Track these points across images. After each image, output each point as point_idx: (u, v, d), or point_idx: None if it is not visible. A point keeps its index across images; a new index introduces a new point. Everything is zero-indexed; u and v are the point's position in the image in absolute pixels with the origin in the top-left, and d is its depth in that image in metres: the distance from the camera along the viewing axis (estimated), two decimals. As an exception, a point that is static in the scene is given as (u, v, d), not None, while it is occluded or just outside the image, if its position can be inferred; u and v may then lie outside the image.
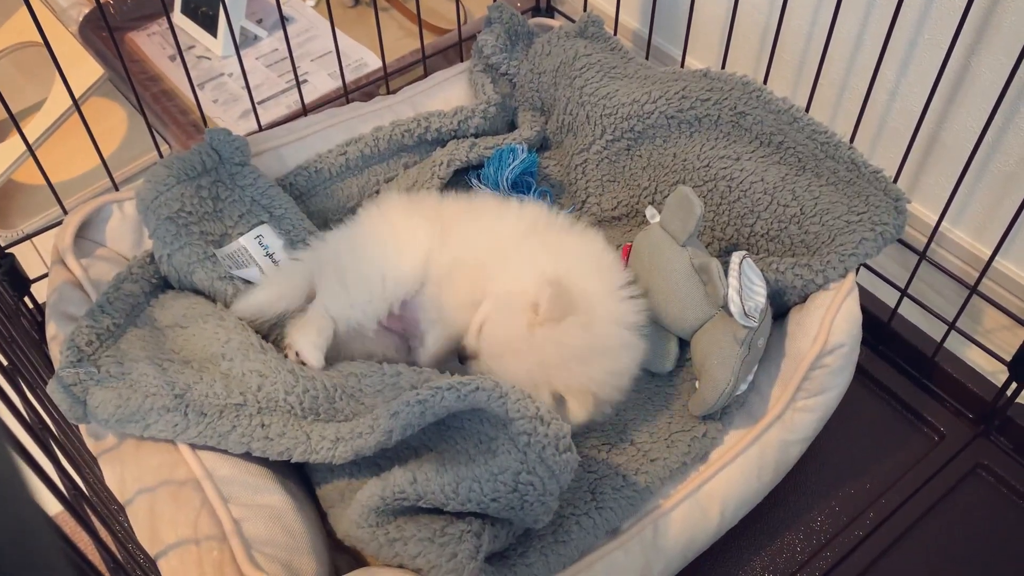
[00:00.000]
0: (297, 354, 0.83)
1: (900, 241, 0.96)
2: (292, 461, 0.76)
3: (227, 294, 0.88)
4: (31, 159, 0.97)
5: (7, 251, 0.99)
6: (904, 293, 1.02)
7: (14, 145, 1.35)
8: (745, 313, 0.82)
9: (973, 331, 1.07)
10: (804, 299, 0.91)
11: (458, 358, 0.86)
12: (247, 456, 0.77)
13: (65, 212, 0.97)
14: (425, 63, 1.25)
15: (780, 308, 0.93)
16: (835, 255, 0.88)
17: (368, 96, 1.19)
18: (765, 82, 1.04)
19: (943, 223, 0.98)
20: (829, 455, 0.96)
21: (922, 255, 1.00)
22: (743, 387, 0.86)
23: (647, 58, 1.21)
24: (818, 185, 0.93)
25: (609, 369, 0.83)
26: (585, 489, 0.81)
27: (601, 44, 1.13)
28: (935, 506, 0.93)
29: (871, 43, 1.15)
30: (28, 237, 1.08)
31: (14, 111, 0.92)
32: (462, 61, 1.23)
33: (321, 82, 1.42)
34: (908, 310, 1.03)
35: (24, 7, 0.89)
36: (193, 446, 0.77)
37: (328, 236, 0.94)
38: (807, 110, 1.00)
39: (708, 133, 1.00)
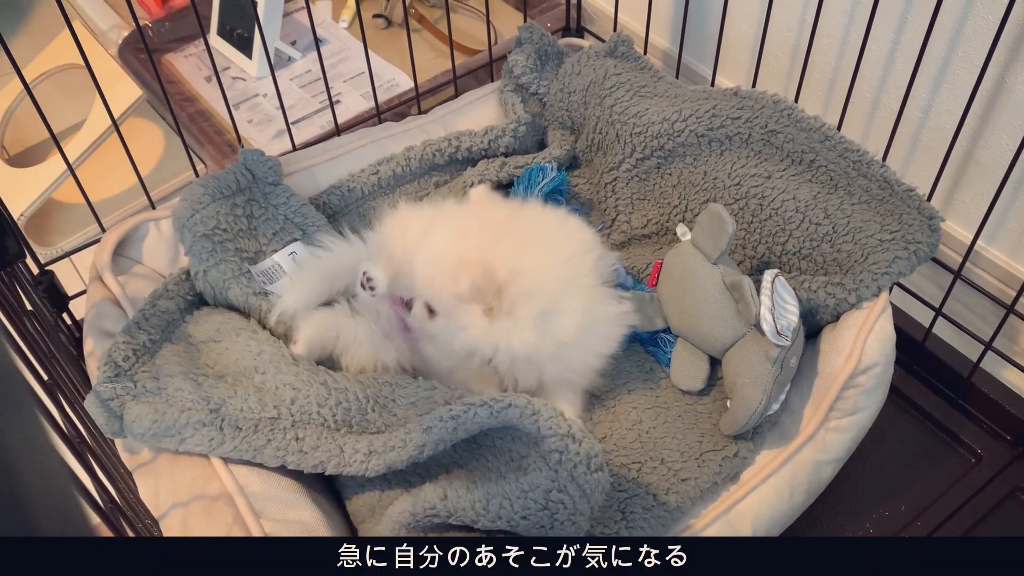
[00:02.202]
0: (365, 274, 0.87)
1: (934, 260, 0.95)
2: (326, 474, 0.77)
3: (262, 309, 0.89)
4: (70, 178, 0.99)
5: (47, 268, 1.01)
6: (939, 312, 1.01)
7: (54, 164, 1.38)
8: (778, 332, 0.82)
9: (1010, 351, 1.06)
10: (836, 318, 0.90)
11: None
12: (279, 471, 0.78)
13: (103, 230, 0.99)
14: (456, 83, 1.26)
15: (812, 327, 0.92)
16: (868, 274, 0.87)
17: (400, 116, 1.20)
18: (796, 100, 1.04)
19: (978, 241, 0.96)
20: (863, 476, 0.95)
21: (957, 274, 0.99)
22: (775, 406, 0.85)
23: (677, 77, 1.22)
24: (850, 203, 0.93)
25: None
26: (615, 508, 0.81)
27: (631, 63, 1.13)
28: (972, 530, 0.91)
29: (903, 60, 1.14)
30: (67, 255, 1.10)
31: (55, 131, 0.94)
32: (492, 81, 1.24)
33: (354, 102, 1.44)
34: (943, 329, 1.02)
35: (65, 30, 0.91)
36: (227, 460, 0.78)
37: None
38: (839, 128, 0.99)
39: (739, 151, 1.00)
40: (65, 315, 1.03)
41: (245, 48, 1.49)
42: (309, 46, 1.55)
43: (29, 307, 0.92)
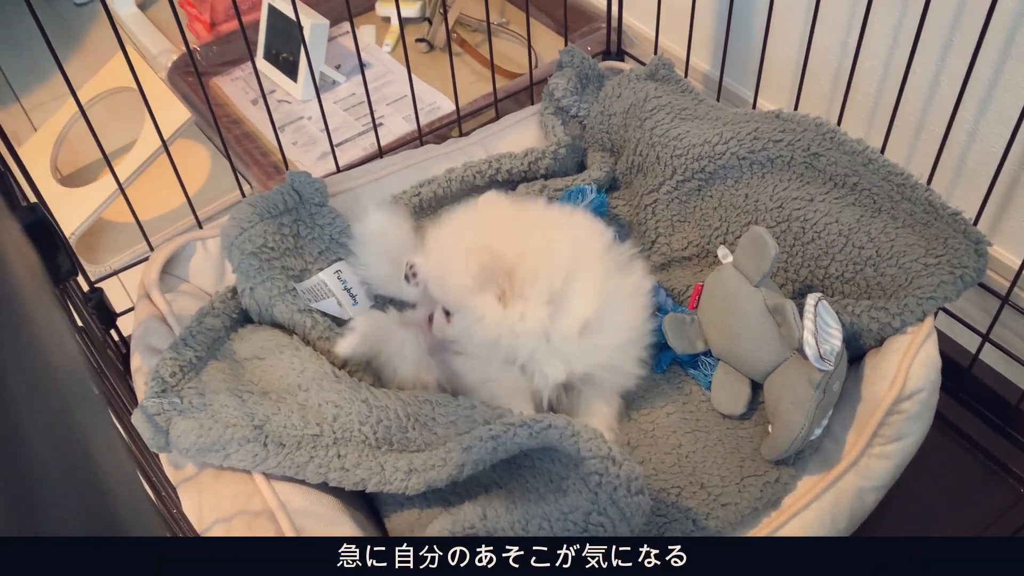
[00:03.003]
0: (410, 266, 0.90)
1: (981, 285, 0.94)
2: (366, 491, 0.77)
3: (306, 326, 0.91)
4: (118, 197, 1.02)
5: (96, 286, 1.03)
6: (985, 338, 0.99)
7: (104, 185, 1.41)
8: (821, 356, 0.81)
9: (1060, 379, 1.04)
10: (880, 343, 0.89)
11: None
12: (320, 487, 0.78)
13: (151, 249, 1.01)
14: (497, 106, 1.28)
15: (855, 352, 0.91)
16: (912, 298, 0.86)
17: (441, 139, 1.21)
18: (839, 123, 1.03)
19: (1027, 266, 0.95)
20: (907, 505, 0.93)
21: (1005, 299, 0.97)
22: (817, 431, 0.84)
23: (718, 99, 1.21)
24: (894, 227, 0.92)
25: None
26: (654, 533, 0.80)
27: (672, 86, 1.13)
28: (1021, 561, 0.89)
29: (948, 83, 1.13)
30: (116, 272, 1.13)
31: (106, 152, 0.97)
32: (533, 104, 1.25)
33: (396, 125, 1.46)
34: (990, 356, 1.00)
35: (117, 55, 0.94)
36: (269, 476, 0.78)
37: None
38: (882, 151, 0.99)
39: (781, 174, 0.99)
40: (113, 331, 1.05)
41: (291, 72, 1.52)
42: (353, 70, 1.57)
43: (79, 323, 0.95)
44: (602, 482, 0.70)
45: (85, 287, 1.02)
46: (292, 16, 1.44)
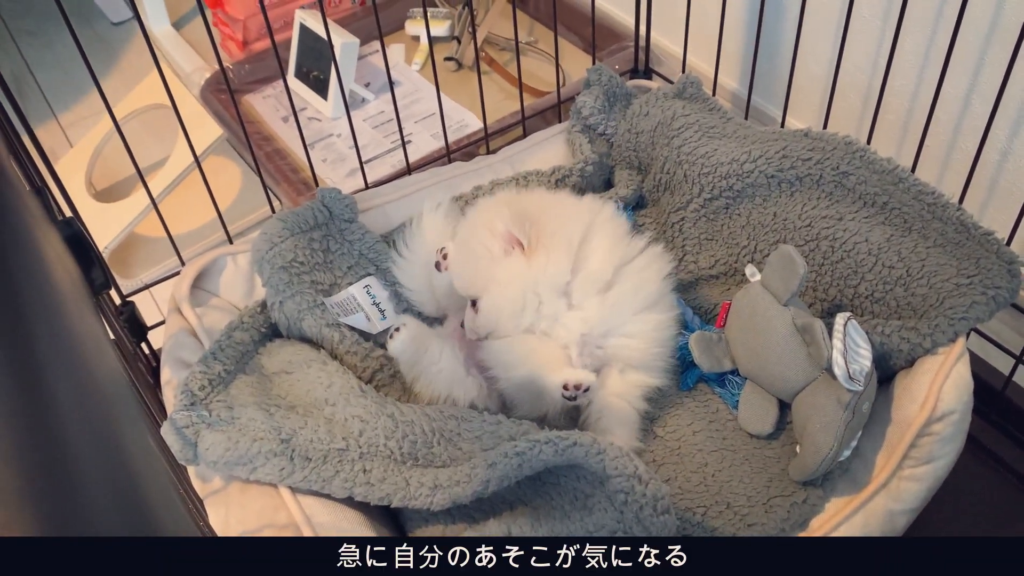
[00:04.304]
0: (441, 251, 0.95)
1: (1014, 306, 0.93)
2: (391, 507, 0.77)
3: (333, 340, 0.91)
4: (151, 212, 1.03)
5: (128, 299, 1.05)
6: (1019, 360, 0.97)
7: (137, 200, 1.43)
8: (850, 376, 0.80)
9: (1096, 402, 1.02)
10: (911, 364, 0.88)
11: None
12: (345, 502, 0.79)
13: (183, 263, 1.02)
14: (524, 124, 1.28)
15: (885, 372, 0.90)
16: (944, 318, 0.85)
17: (469, 156, 1.22)
18: (868, 142, 1.03)
19: (1061, 287, 0.93)
20: (938, 530, 0.91)
21: (1038, 321, 0.96)
22: (846, 453, 0.83)
23: (746, 118, 1.21)
24: (925, 247, 0.91)
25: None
26: (679, 552, 0.79)
27: (699, 104, 1.13)
28: (1056, 588, 0.87)
29: (980, 101, 1.12)
30: (148, 286, 1.14)
31: (140, 168, 0.98)
32: (560, 122, 1.25)
33: (424, 142, 1.47)
34: (1024, 378, 0.99)
35: (152, 73, 0.96)
36: (295, 490, 0.79)
37: None
38: (913, 170, 0.98)
39: (809, 192, 0.99)
40: (143, 344, 1.06)
41: (321, 90, 1.54)
42: (382, 88, 1.59)
43: (111, 336, 0.96)
44: (628, 501, 0.69)
45: (117, 300, 1.03)
46: (323, 35, 1.46)
